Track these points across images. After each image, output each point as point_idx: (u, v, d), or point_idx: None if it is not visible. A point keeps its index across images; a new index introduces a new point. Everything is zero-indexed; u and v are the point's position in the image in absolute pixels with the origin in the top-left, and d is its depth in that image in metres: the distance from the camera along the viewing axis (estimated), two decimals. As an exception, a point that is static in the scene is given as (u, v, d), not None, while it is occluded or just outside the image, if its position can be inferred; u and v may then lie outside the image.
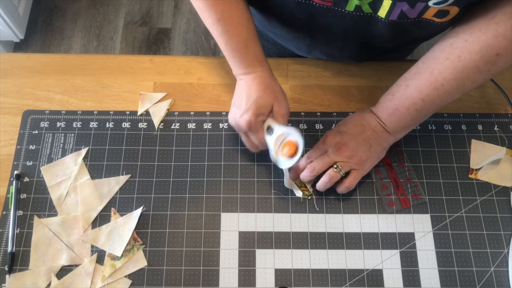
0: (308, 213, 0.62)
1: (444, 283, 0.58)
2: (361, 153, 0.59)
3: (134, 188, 0.63)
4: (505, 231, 0.61)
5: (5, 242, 0.60)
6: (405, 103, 0.57)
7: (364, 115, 0.61)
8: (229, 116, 0.62)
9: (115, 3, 1.78)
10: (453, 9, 0.49)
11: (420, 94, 0.55)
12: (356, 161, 0.59)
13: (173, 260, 0.59)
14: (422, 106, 0.56)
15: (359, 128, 0.60)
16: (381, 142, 0.60)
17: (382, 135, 0.59)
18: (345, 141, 0.59)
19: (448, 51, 0.53)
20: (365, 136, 0.59)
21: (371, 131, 0.59)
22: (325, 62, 0.73)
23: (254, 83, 0.59)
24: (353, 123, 0.61)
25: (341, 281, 0.58)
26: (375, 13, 0.54)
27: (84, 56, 0.74)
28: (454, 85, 0.53)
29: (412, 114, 0.57)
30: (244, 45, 0.59)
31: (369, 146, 0.59)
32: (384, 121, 0.59)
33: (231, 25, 0.57)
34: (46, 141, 0.66)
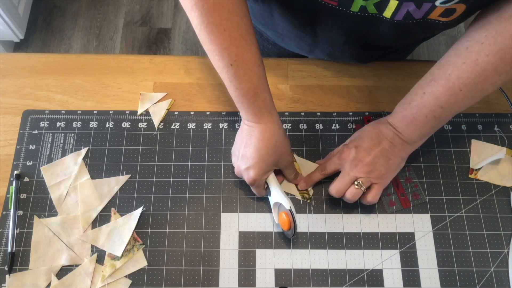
0: (308, 213, 0.62)
1: (444, 283, 0.58)
2: (380, 167, 0.57)
3: (134, 188, 0.63)
4: (505, 231, 0.61)
5: (5, 242, 0.60)
6: (423, 111, 0.55)
7: (380, 127, 0.58)
8: (232, 157, 0.61)
9: (115, 3, 1.78)
10: (460, 7, 0.49)
11: (438, 101, 0.53)
12: (376, 176, 0.57)
13: (173, 260, 0.59)
14: (441, 113, 0.54)
15: (375, 141, 0.58)
16: (399, 154, 0.58)
17: (401, 146, 0.57)
18: (361, 156, 0.57)
19: (464, 55, 0.51)
20: (382, 149, 0.57)
21: (388, 143, 0.57)
22: (325, 62, 0.73)
23: (263, 136, 0.57)
24: (369, 136, 0.59)
25: (341, 281, 0.58)
26: (380, 14, 0.54)
27: (84, 56, 0.74)
28: (473, 89, 0.52)
29: (430, 122, 0.55)
30: (254, 92, 0.56)
31: (387, 159, 0.57)
32: (401, 131, 0.57)
33: (243, 70, 0.54)
34: (46, 141, 0.66)
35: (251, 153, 0.57)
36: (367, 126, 0.61)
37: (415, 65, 0.73)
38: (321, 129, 0.67)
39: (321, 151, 0.66)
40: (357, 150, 0.58)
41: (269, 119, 0.58)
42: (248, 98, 0.56)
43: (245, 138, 0.58)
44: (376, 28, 0.57)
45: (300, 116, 0.68)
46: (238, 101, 0.57)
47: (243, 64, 0.54)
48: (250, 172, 0.57)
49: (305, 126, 0.68)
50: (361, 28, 0.58)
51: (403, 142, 0.57)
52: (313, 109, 0.69)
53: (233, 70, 0.54)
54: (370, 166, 0.57)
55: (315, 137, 0.67)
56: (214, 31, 0.52)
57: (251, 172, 0.57)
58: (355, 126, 0.67)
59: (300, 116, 0.68)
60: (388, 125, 0.58)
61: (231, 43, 0.52)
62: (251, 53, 0.54)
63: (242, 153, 0.58)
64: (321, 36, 0.66)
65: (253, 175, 0.57)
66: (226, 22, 0.51)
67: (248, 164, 0.57)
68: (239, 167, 0.59)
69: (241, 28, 0.53)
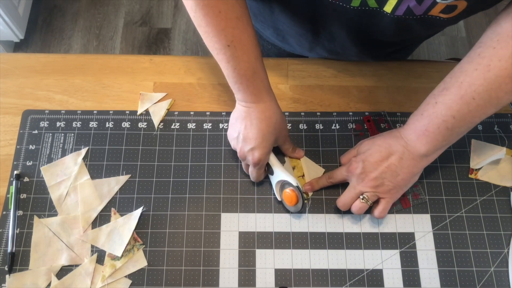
0: (308, 213, 0.62)
1: (444, 283, 0.58)
2: (387, 182, 0.56)
3: (134, 188, 0.63)
4: (505, 231, 0.61)
5: (5, 242, 0.60)
6: (435, 122, 0.52)
7: (390, 141, 0.57)
8: (231, 141, 0.61)
9: (115, 3, 1.78)
10: (461, 4, 0.49)
11: (450, 111, 0.51)
12: (383, 191, 0.57)
13: (173, 260, 0.59)
14: (454, 124, 0.51)
15: (383, 155, 0.56)
16: (409, 170, 0.56)
17: (411, 162, 0.55)
18: (368, 171, 0.56)
19: (476, 61, 0.49)
20: (390, 164, 0.56)
21: (397, 158, 0.55)
22: (325, 62, 0.73)
23: (263, 116, 0.57)
24: (378, 150, 0.57)
25: (341, 281, 0.58)
26: (381, 8, 0.53)
27: (84, 56, 0.74)
28: (486, 97, 0.49)
29: (443, 134, 0.52)
30: (253, 72, 0.56)
31: (396, 174, 0.56)
32: (413, 144, 0.55)
33: (241, 50, 0.54)
34: (46, 141, 0.66)
35: (253, 133, 0.57)
36: (378, 138, 0.59)
37: (415, 65, 0.73)
38: (321, 129, 0.67)
39: (321, 151, 0.66)
40: (364, 164, 0.57)
41: (268, 98, 0.58)
42: (247, 78, 0.56)
43: (245, 120, 0.58)
44: (377, 23, 0.57)
45: (300, 116, 0.68)
46: (236, 82, 0.57)
47: (241, 44, 0.54)
48: (255, 153, 0.57)
49: (305, 126, 0.68)
50: (361, 23, 0.58)
51: (414, 157, 0.55)
52: (313, 109, 0.69)
53: (230, 51, 0.54)
54: (376, 181, 0.56)
55: (315, 137, 0.67)
56: (209, 13, 0.52)
57: (256, 153, 0.57)
58: (355, 126, 0.67)
59: (300, 116, 0.68)
60: (400, 139, 0.56)
61: (227, 24, 0.53)
62: (247, 33, 0.54)
63: (244, 135, 0.58)
64: (321, 32, 0.66)
65: (258, 155, 0.57)
66: (221, 4, 0.52)
67: (252, 145, 0.57)
68: (242, 149, 0.59)
69: (236, 9, 0.53)
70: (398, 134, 0.57)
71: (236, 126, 0.59)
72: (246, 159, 0.60)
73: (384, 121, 0.68)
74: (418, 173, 0.58)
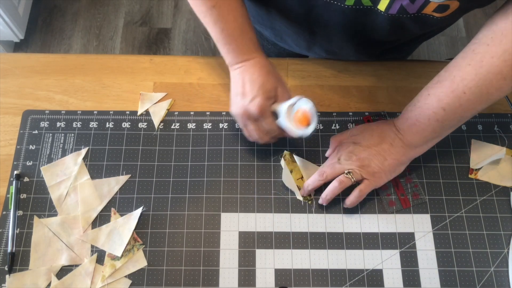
0: (308, 213, 0.62)
1: (444, 283, 0.58)
2: (373, 165, 0.57)
3: (134, 188, 0.63)
4: (505, 231, 0.61)
5: (5, 242, 0.60)
6: (425, 113, 0.54)
7: (384, 127, 0.59)
8: (233, 106, 0.59)
9: (115, 3, 1.78)
10: (454, 3, 0.49)
11: (441, 103, 0.52)
12: (368, 172, 0.57)
13: (173, 260, 0.59)
14: (444, 116, 0.53)
15: (375, 139, 0.58)
16: (397, 157, 0.57)
17: (400, 149, 0.57)
18: (357, 151, 0.58)
19: (470, 57, 0.51)
20: (380, 149, 0.57)
21: (387, 144, 0.57)
22: (325, 62, 0.73)
23: (255, 68, 0.58)
24: (370, 133, 0.59)
25: (341, 281, 0.58)
26: (375, 6, 0.54)
27: (84, 56, 0.74)
28: (477, 92, 0.50)
29: (433, 125, 0.54)
30: (241, 31, 0.57)
31: (383, 159, 0.57)
32: (403, 133, 0.56)
33: (226, 10, 0.56)
34: (46, 141, 0.66)
35: (249, 86, 0.57)
36: (372, 123, 0.61)
37: (415, 65, 0.73)
38: (321, 129, 0.67)
39: (321, 151, 0.66)
40: (354, 145, 0.59)
41: (258, 54, 0.59)
42: (235, 37, 0.57)
43: (239, 80, 0.58)
44: (372, 22, 0.57)
45: (300, 116, 0.68)
46: (225, 43, 0.58)
47: (225, 4, 0.55)
48: (255, 101, 0.56)
49: (305, 126, 0.68)
50: (356, 22, 0.58)
51: (403, 145, 0.57)
52: (313, 109, 0.69)
53: (216, 11, 0.55)
54: (364, 161, 0.57)
55: (315, 137, 0.67)
56: None
57: (256, 101, 0.56)
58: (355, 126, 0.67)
59: (300, 116, 0.68)
60: (392, 126, 0.58)
61: None
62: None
63: (241, 92, 0.57)
64: (317, 32, 0.66)
65: (258, 102, 0.55)
66: None
67: (250, 96, 0.56)
68: (243, 106, 0.57)
69: None
70: (391, 122, 0.59)
71: (233, 90, 0.59)
72: (249, 113, 0.57)
73: (384, 121, 0.68)
74: (405, 163, 0.59)
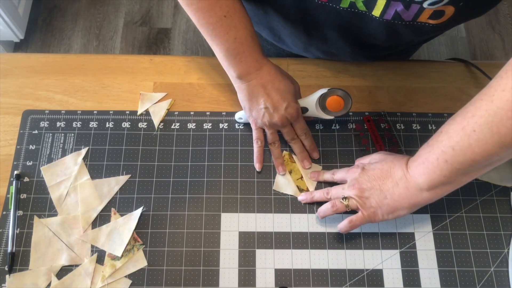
0: (308, 213, 0.62)
1: (444, 283, 0.58)
2: (372, 200, 0.55)
3: (134, 188, 0.63)
4: (505, 231, 0.61)
5: (5, 242, 0.60)
6: (435, 152, 0.48)
7: (396, 162, 0.54)
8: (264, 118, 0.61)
9: (115, 3, 1.78)
10: (449, 9, 0.49)
11: (450, 141, 0.46)
12: (364, 204, 0.55)
13: (173, 260, 0.59)
14: (453, 157, 0.46)
15: (383, 174, 0.54)
16: (398, 199, 0.53)
17: (403, 191, 0.52)
18: (361, 180, 0.56)
19: (484, 91, 0.45)
20: (383, 185, 0.54)
21: (392, 182, 0.53)
22: (325, 62, 0.73)
23: (272, 76, 0.59)
24: (381, 167, 0.55)
25: (341, 281, 0.58)
26: (369, 12, 0.54)
27: (84, 56, 0.74)
28: (486, 131, 0.43)
29: (441, 166, 0.48)
30: (252, 38, 0.58)
31: (383, 197, 0.54)
32: (411, 173, 0.51)
33: (237, 18, 0.56)
34: (46, 141, 0.66)
35: (277, 96, 0.59)
36: (390, 155, 0.57)
37: (415, 65, 0.73)
38: (321, 129, 0.67)
39: (321, 151, 0.66)
40: (362, 172, 0.56)
41: (266, 61, 0.60)
42: (248, 44, 0.57)
43: (261, 91, 0.59)
44: (367, 26, 0.57)
45: (300, 116, 0.68)
46: (238, 52, 0.58)
47: (236, 12, 0.56)
48: (290, 108, 0.60)
49: (305, 126, 0.68)
50: (352, 24, 0.58)
51: (408, 186, 0.52)
52: (313, 109, 0.69)
53: (227, 21, 0.55)
54: (364, 193, 0.55)
55: (315, 137, 0.67)
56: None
57: (289, 109, 0.59)
58: (355, 126, 0.67)
59: (300, 116, 0.68)
60: (403, 164, 0.53)
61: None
62: (238, 3, 0.57)
63: (270, 104, 0.60)
64: (314, 33, 0.66)
65: (295, 107, 0.60)
66: None
67: (284, 104, 0.59)
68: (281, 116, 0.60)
69: None
70: (405, 159, 0.54)
71: (253, 102, 0.60)
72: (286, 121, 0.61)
73: (384, 121, 0.68)
74: (406, 208, 0.53)
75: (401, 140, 0.66)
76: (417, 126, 0.68)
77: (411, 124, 0.68)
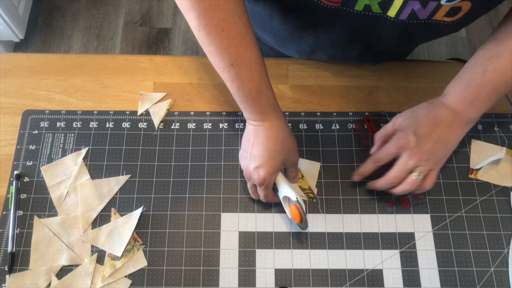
0: (308, 213, 0.62)
1: (444, 283, 0.58)
2: (438, 153, 0.56)
3: (134, 188, 0.63)
4: (505, 231, 0.61)
5: (5, 242, 0.60)
6: (485, 90, 0.54)
7: (437, 111, 0.57)
8: (241, 161, 0.60)
9: (115, 3, 1.78)
10: (466, 4, 0.49)
11: (503, 77, 0.53)
12: (434, 162, 0.57)
13: (173, 260, 0.59)
14: (505, 88, 0.54)
15: (432, 126, 0.56)
16: (458, 137, 0.57)
17: (459, 129, 0.57)
18: (421, 144, 0.55)
19: None
20: (441, 134, 0.56)
21: (446, 128, 0.56)
22: (325, 62, 0.73)
23: (271, 133, 0.56)
24: (426, 121, 0.56)
25: (341, 281, 0.58)
26: (384, 13, 0.53)
27: (84, 56, 0.74)
28: None
29: (492, 99, 0.55)
30: (258, 91, 0.55)
31: (446, 144, 0.57)
32: (462, 113, 0.56)
33: (244, 69, 0.53)
34: (46, 141, 0.66)
35: (259, 151, 0.56)
36: (420, 109, 0.58)
37: (415, 65, 0.73)
38: (321, 129, 0.67)
39: (321, 151, 0.66)
40: (416, 137, 0.55)
41: (274, 116, 0.57)
42: (252, 97, 0.55)
43: (252, 138, 0.57)
44: (380, 29, 0.57)
45: (300, 116, 0.68)
46: (241, 101, 0.57)
47: (244, 63, 0.53)
48: (260, 171, 0.56)
49: (305, 126, 0.68)
50: (364, 28, 0.58)
51: (462, 124, 0.56)
52: (313, 109, 0.69)
53: (234, 70, 0.53)
54: (429, 154, 0.56)
55: (315, 137, 0.67)
56: (212, 32, 0.51)
57: (261, 171, 0.56)
58: (355, 126, 0.67)
59: (300, 116, 0.68)
60: (445, 109, 0.56)
61: (230, 43, 0.52)
62: (251, 51, 0.53)
63: (250, 152, 0.57)
64: (322, 37, 0.65)
65: (263, 174, 0.56)
66: (224, 22, 0.51)
67: (257, 163, 0.56)
68: (248, 167, 0.58)
69: (239, 27, 0.52)
70: (441, 105, 0.57)
71: (245, 145, 0.59)
72: (252, 178, 0.58)
73: (384, 121, 0.68)
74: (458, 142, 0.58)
75: (401, 140, 0.66)
76: (417, 126, 0.68)
77: (411, 124, 0.68)
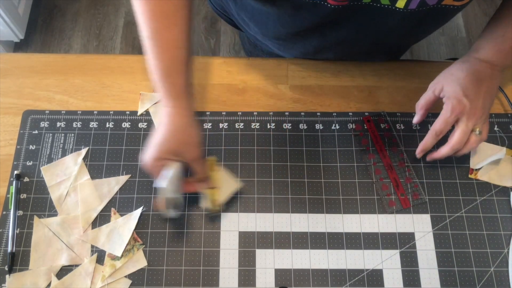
0: (308, 213, 0.62)
1: (444, 283, 0.58)
2: (488, 106, 0.59)
3: (134, 188, 0.63)
4: (505, 231, 0.61)
5: (5, 242, 0.60)
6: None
7: (476, 68, 0.59)
8: None
9: (115, 3, 1.78)
10: None
11: None
12: (486, 116, 0.59)
13: (173, 260, 0.59)
14: None
15: (477, 84, 0.58)
16: (498, 85, 0.61)
17: (498, 78, 0.60)
18: (474, 104, 0.57)
19: None
20: (486, 89, 0.58)
21: (488, 82, 0.59)
22: (325, 62, 0.73)
23: (167, 120, 0.55)
24: (470, 81, 0.58)
25: (341, 281, 0.58)
26: (393, 5, 0.53)
27: (84, 56, 0.74)
28: None
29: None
30: (166, 73, 0.54)
31: (491, 95, 0.59)
32: (500, 64, 0.59)
33: (159, 47, 0.53)
34: (46, 141, 0.66)
35: (154, 137, 0.56)
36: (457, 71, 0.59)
37: (415, 65, 0.73)
38: (321, 129, 0.67)
39: (321, 151, 0.66)
40: (467, 100, 0.57)
41: (175, 104, 0.55)
42: (159, 77, 0.55)
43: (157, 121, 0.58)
44: (388, 22, 0.57)
45: (300, 116, 0.68)
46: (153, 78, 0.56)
47: (160, 41, 0.53)
48: (145, 157, 0.55)
49: (305, 126, 0.68)
50: (372, 23, 0.58)
51: (499, 73, 0.59)
52: (313, 109, 0.69)
53: (148, 44, 0.54)
54: (483, 110, 0.58)
55: (315, 137, 0.67)
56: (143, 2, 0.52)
57: (145, 155, 0.55)
58: (355, 126, 0.67)
59: (300, 116, 0.68)
60: (482, 63, 0.59)
61: (151, 16, 0.52)
62: (171, 33, 0.53)
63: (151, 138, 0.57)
64: (329, 36, 0.65)
65: (145, 158, 0.55)
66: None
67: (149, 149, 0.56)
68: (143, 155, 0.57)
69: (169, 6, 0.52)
70: (477, 61, 0.59)
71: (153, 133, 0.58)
72: None
73: (384, 121, 0.68)
74: None
75: (401, 140, 0.66)
76: (417, 126, 0.68)
77: (411, 124, 0.68)
